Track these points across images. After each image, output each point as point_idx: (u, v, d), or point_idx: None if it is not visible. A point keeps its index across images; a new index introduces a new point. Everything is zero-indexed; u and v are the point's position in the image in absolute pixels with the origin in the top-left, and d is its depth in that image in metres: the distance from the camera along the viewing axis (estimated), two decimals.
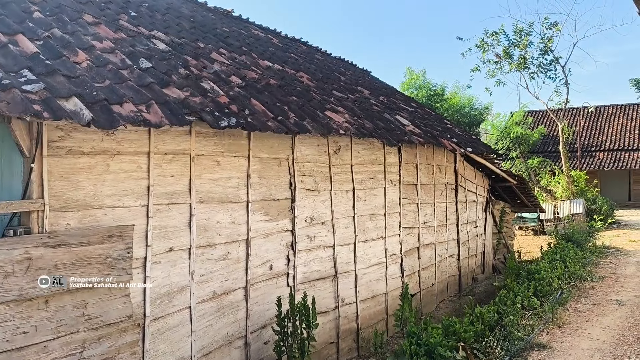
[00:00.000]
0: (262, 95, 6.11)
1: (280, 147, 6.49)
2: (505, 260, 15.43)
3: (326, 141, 7.36)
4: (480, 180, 13.69)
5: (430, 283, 10.64)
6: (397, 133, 8.26)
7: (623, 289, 10.20)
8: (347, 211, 7.86)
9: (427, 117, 11.52)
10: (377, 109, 9.09)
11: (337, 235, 7.57)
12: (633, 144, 34.00)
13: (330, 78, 9.71)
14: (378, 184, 8.67)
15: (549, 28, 22.54)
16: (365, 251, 8.28)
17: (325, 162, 7.38)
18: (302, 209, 6.85)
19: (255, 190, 6.06)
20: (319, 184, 7.21)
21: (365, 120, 7.76)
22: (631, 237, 17.91)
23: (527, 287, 8.77)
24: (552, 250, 12.01)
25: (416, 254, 10.04)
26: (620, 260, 13.61)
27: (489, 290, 12.33)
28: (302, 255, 6.83)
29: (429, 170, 10.59)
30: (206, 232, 5.40)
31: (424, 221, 10.35)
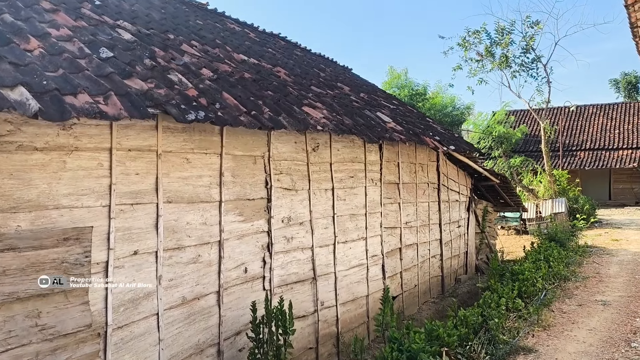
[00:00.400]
0: (235, 89, 5.80)
1: (255, 144, 6.18)
2: (488, 260, 15.28)
3: (304, 138, 7.07)
4: (463, 180, 13.50)
5: (413, 284, 10.39)
6: (378, 130, 7.99)
7: (607, 289, 10.04)
8: (327, 211, 7.57)
9: (409, 115, 11.28)
10: (357, 106, 8.82)
11: (316, 236, 7.28)
12: (613, 143, 34.24)
13: (309, 74, 9.41)
14: (358, 183, 8.40)
15: (531, 26, 22.52)
16: (346, 252, 8.01)
17: (303, 160, 7.08)
18: (278, 209, 6.55)
19: (228, 190, 5.75)
20: (297, 182, 6.92)
21: (345, 116, 7.47)
22: (613, 236, 17.86)
23: (511, 288, 8.56)
24: (535, 250, 11.84)
25: (398, 254, 9.78)
26: (603, 259, 13.50)
27: (472, 291, 12.14)
28: (279, 258, 6.53)
29: (411, 169, 10.34)
30: (175, 234, 5.07)
31: (406, 221, 10.11)
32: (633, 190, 33.91)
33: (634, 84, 56.25)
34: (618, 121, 36.23)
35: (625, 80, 56.60)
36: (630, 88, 55.93)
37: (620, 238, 17.47)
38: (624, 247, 15.70)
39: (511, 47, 23.07)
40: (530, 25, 22.45)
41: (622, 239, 17.22)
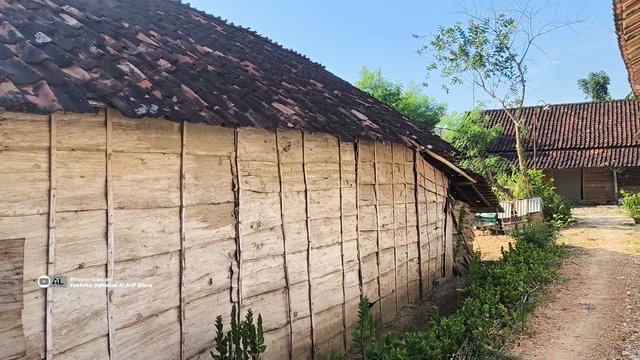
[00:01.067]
0: (196, 82, 5.26)
1: (221, 143, 5.65)
2: (466, 262, 14.96)
3: (274, 137, 6.55)
4: (440, 180, 13.13)
5: (391, 290, 9.95)
6: (352, 128, 7.52)
7: (590, 292, 9.74)
8: (299, 215, 7.07)
9: (384, 113, 10.85)
10: (331, 103, 8.34)
11: (288, 242, 6.77)
12: (584, 142, 34.49)
13: (280, 69, 8.90)
14: (333, 184, 7.91)
15: (505, 25, 22.37)
16: (320, 258, 7.51)
17: (274, 161, 6.57)
18: (247, 214, 6.02)
19: (190, 193, 5.21)
20: (267, 184, 6.40)
21: (318, 113, 6.99)
22: (589, 236, 17.73)
23: (493, 293, 8.16)
24: (514, 251, 11.51)
25: (375, 259, 9.33)
26: (581, 260, 13.26)
27: (451, 294, 11.77)
28: (247, 266, 6.00)
29: (387, 170, 9.90)
30: (128, 244, 4.52)
31: (383, 224, 9.66)
32: (604, 189, 34.17)
33: (602, 84, 57.25)
34: (589, 121, 36.54)
35: (594, 81, 57.58)
36: (598, 88, 56.90)
37: (597, 237, 17.33)
38: (600, 246, 15.53)
39: (485, 46, 22.95)
40: (504, 24, 22.34)
41: (598, 239, 17.08)
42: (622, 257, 13.26)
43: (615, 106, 37.51)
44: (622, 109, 36.80)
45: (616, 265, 12.21)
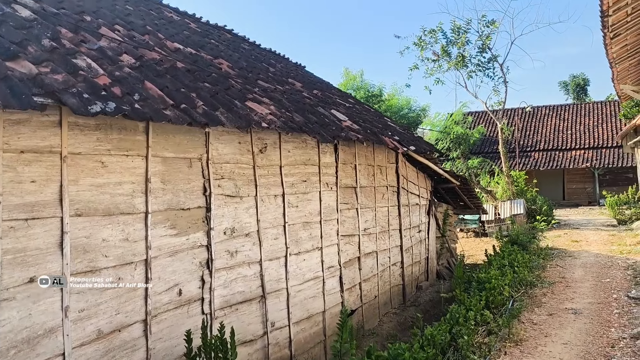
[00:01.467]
0: (163, 78, 4.92)
1: (191, 144, 5.31)
2: (450, 265, 14.73)
3: (249, 138, 6.22)
4: (422, 182, 12.88)
5: (373, 295, 9.66)
6: (332, 128, 7.21)
7: (576, 296, 9.54)
8: (277, 220, 6.74)
9: (366, 114, 10.56)
10: (309, 103, 8.03)
11: (265, 249, 6.44)
12: (566, 143, 34.61)
13: (257, 68, 8.56)
14: (312, 187, 7.60)
15: (487, 26, 22.26)
16: (299, 265, 7.19)
17: (249, 163, 6.24)
18: (220, 219, 5.68)
19: (157, 198, 4.85)
20: (241, 188, 6.06)
21: (295, 113, 6.67)
22: (573, 237, 17.62)
23: (478, 299, 7.90)
24: (499, 254, 11.28)
25: (357, 264, 9.03)
26: (566, 262, 13.10)
27: (435, 299, 11.51)
28: (221, 275, 5.66)
29: (369, 172, 9.61)
30: (87, 254, 4.16)
31: (365, 228, 9.37)
32: (586, 190, 34.31)
33: (582, 86, 57.80)
34: (570, 122, 36.71)
35: (574, 83, 58.12)
36: (578, 90, 57.43)
37: (580, 239, 17.22)
38: (584, 248, 15.40)
39: (467, 47, 22.81)
40: (487, 25, 22.22)
41: (581, 240, 16.97)
42: (607, 259, 13.12)
43: (596, 107, 37.74)
44: (602, 110, 37.03)
45: (601, 268, 12.05)
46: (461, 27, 22.36)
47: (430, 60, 23.60)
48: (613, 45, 8.75)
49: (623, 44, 9.16)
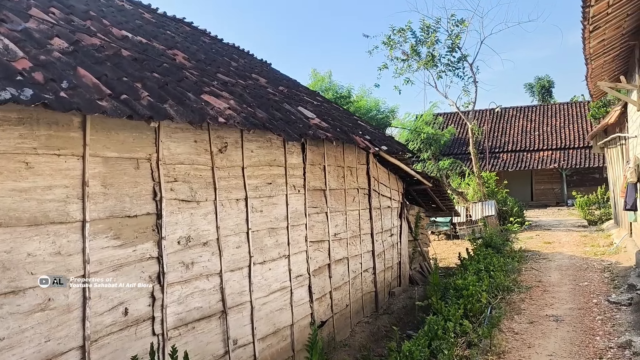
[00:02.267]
0: (101, 66, 4.28)
1: (138, 142, 4.67)
2: (422, 269, 14.30)
3: (207, 135, 5.60)
4: (394, 184, 12.41)
5: (344, 304, 9.11)
6: (299, 126, 6.64)
7: (555, 301, 9.15)
8: (239, 226, 6.13)
9: (335, 112, 10.02)
10: (274, 99, 7.45)
11: (226, 258, 5.82)
12: (533, 144, 34.75)
13: (217, 61, 7.93)
14: (278, 190, 7.01)
15: (456, 25, 21.97)
16: (264, 275, 6.59)
17: (207, 164, 5.62)
18: (173, 227, 5.05)
19: (97, 205, 4.21)
20: (198, 192, 5.44)
21: (259, 109, 6.07)
22: (545, 239, 17.40)
23: (456, 308, 7.42)
24: (474, 259, 10.86)
25: (327, 272, 8.47)
26: (541, 265, 12.78)
27: (408, 305, 11.04)
28: (174, 290, 5.03)
29: (338, 173, 9.07)
30: (7, 272, 3.50)
31: (335, 233, 8.82)
32: (553, 190, 34.50)
33: (547, 88, 58.54)
34: (537, 123, 36.92)
35: (539, 85, 58.81)
36: (544, 92, 58.14)
37: (552, 240, 17.02)
38: (558, 250, 15.16)
39: (437, 46, 22.50)
40: (456, 24, 21.93)
41: (554, 242, 16.76)
42: (582, 261, 12.85)
43: (562, 108, 38.05)
44: (569, 112, 37.35)
45: (577, 271, 11.75)
46: (430, 26, 22.07)
47: (399, 60, 23.26)
48: (592, 39, 8.40)
49: (601, 39, 8.83)
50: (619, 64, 11.63)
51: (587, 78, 11.89)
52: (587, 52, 9.32)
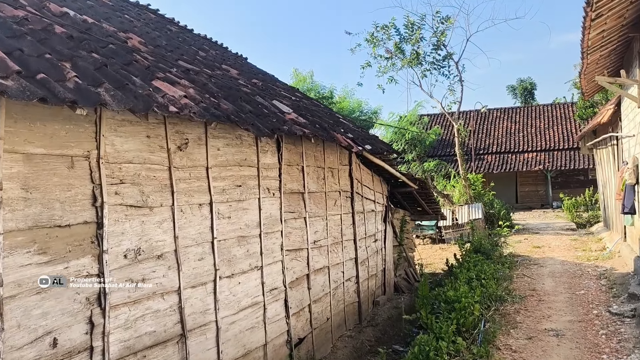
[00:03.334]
0: (18, 40, 3.46)
1: (72, 136, 3.86)
2: (408, 276, 13.59)
3: (163, 130, 4.80)
4: (378, 186, 11.67)
5: (325, 318, 8.34)
6: (272, 120, 5.85)
7: (552, 312, 8.47)
8: (202, 235, 5.33)
9: (314, 109, 9.25)
10: (246, 91, 6.66)
11: (186, 273, 5.02)
12: (518, 146, 34.34)
13: (181, 49, 7.11)
14: (249, 193, 6.22)
15: (442, 22, 21.31)
16: (233, 290, 5.80)
17: (163, 163, 4.82)
18: (118, 238, 4.24)
19: (15, 212, 3.39)
20: (151, 196, 4.63)
21: (224, 100, 5.28)
22: (534, 243, 16.80)
23: (448, 324, 6.68)
24: (464, 265, 10.15)
25: (305, 283, 7.70)
26: (532, 271, 12.13)
27: (393, 316, 10.31)
28: (120, 313, 4.21)
29: (319, 175, 8.30)
30: None
31: (315, 240, 8.05)
32: (538, 192, 34.12)
33: (530, 90, 58.47)
34: (521, 124, 36.55)
35: (522, 87, 58.72)
36: (526, 94, 58.07)
37: (542, 244, 16.41)
38: (548, 254, 14.55)
39: (422, 44, 21.79)
40: (441, 21, 21.27)
41: (544, 246, 16.16)
42: (575, 267, 12.23)
43: (546, 110, 37.75)
44: (553, 113, 37.05)
45: (571, 277, 11.11)
46: (415, 23, 21.36)
47: (383, 58, 22.54)
48: (592, 29, 7.76)
49: (601, 29, 8.20)
50: (615, 59, 11.04)
51: (581, 74, 11.28)
52: (585, 45, 8.67)
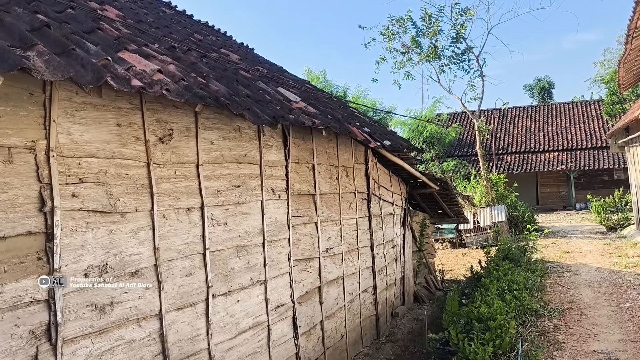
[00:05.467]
0: None
1: (9, 121, 2.97)
2: (428, 284, 12.60)
3: (139, 118, 3.90)
4: (397, 187, 10.71)
5: (339, 335, 7.40)
6: (275, 107, 4.92)
7: (599, 329, 7.45)
8: (191, 245, 4.41)
9: (326, 100, 8.31)
10: (246, 76, 5.74)
11: (169, 292, 4.11)
12: (539, 146, 33.14)
13: (171, 28, 6.21)
14: (250, 195, 5.30)
15: (461, 14, 20.25)
16: (230, 310, 4.88)
17: (139, 158, 3.91)
18: (76, 252, 3.34)
19: None
20: (123, 199, 3.73)
21: (216, 82, 4.35)
22: (563, 247, 15.70)
23: (484, 350, 5.70)
24: (494, 275, 9.13)
25: (317, 297, 6.77)
26: (567, 280, 11.08)
27: (414, 329, 9.37)
28: (79, 348, 3.31)
29: (331, 174, 7.37)
30: None
31: (327, 247, 7.11)
32: (560, 193, 32.87)
33: (547, 89, 57.31)
34: (541, 123, 35.33)
35: (539, 86, 57.58)
36: (543, 93, 56.91)
37: (572, 249, 15.31)
38: (580, 260, 13.46)
39: (440, 37, 20.73)
40: (460, 13, 20.20)
41: (574, 251, 15.05)
42: (613, 276, 11.15)
43: (567, 108, 36.47)
44: (574, 112, 35.77)
45: (612, 287, 10.05)
46: (433, 15, 20.33)
47: (399, 52, 21.51)
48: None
49: None
50: None
51: (621, 62, 10.24)
52: (632, 26, 7.64)
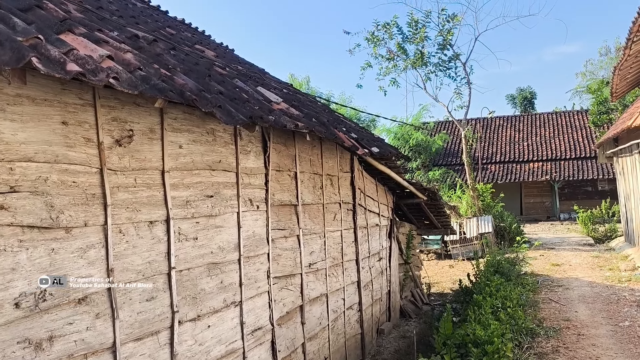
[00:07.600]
0: None
1: None
2: (415, 298, 12.08)
3: (91, 116, 3.30)
4: (383, 197, 10.18)
5: (322, 357, 6.83)
6: (253, 107, 4.34)
7: (600, 352, 6.96)
8: (154, 264, 3.81)
9: (310, 104, 7.75)
10: (222, 72, 5.16)
11: (126, 321, 3.50)
12: (522, 155, 32.97)
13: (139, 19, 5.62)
14: (225, 206, 4.71)
15: (448, 20, 19.86)
16: (199, 337, 4.27)
17: (90, 163, 3.30)
18: (4, 277, 2.74)
19: None
20: (68, 211, 3.12)
21: (184, 75, 3.77)
22: (551, 260, 15.28)
23: None
24: (486, 290, 8.61)
25: (298, 317, 6.19)
26: (559, 295, 10.62)
27: (401, 348, 8.83)
28: None
29: (315, 183, 6.80)
30: None
31: (310, 262, 6.54)
32: (544, 204, 32.68)
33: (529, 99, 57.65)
34: (525, 133, 35.22)
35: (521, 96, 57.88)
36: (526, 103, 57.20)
37: (561, 262, 14.90)
38: (570, 274, 13.03)
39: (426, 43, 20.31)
40: (447, 19, 19.82)
41: (563, 264, 14.64)
42: (607, 291, 10.71)
43: (550, 118, 36.41)
44: (557, 121, 35.72)
45: (607, 304, 9.60)
46: (419, 21, 19.91)
47: (384, 59, 21.05)
48: None
49: None
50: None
51: (616, 69, 9.86)
52: (634, 29, 7.22)
